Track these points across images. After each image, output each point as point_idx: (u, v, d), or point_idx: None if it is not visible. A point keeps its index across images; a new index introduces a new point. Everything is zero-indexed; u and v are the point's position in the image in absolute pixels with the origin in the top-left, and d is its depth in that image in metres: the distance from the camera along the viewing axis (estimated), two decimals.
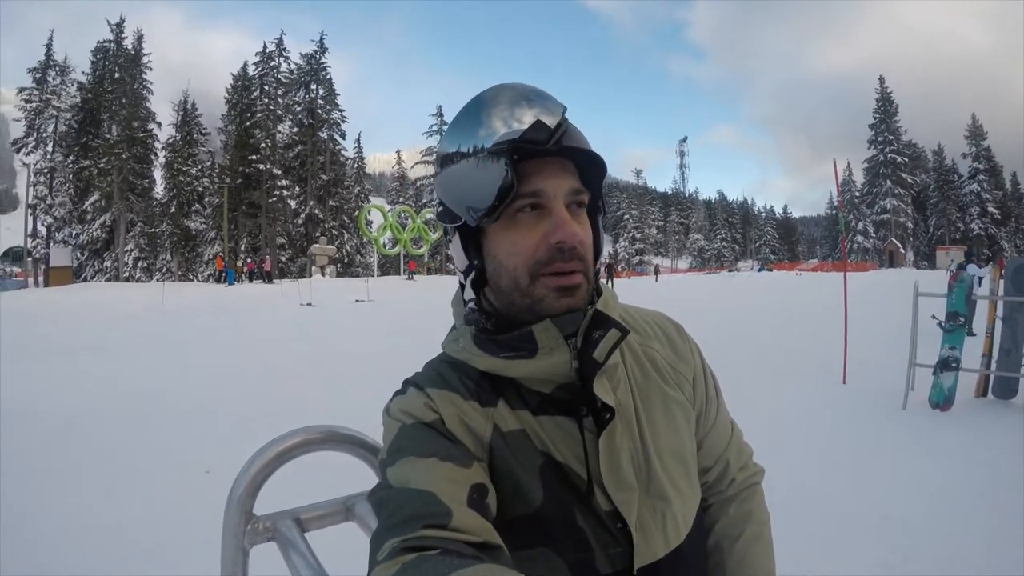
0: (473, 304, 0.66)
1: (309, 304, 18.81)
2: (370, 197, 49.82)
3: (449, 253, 0.68)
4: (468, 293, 0.66)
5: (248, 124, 41.17)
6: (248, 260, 36.31)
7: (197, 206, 40.39)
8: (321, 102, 44.60)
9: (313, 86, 44.68)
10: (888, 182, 57.50)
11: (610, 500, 0.63)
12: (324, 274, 33.72)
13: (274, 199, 40.44)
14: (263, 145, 40.39)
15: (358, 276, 36.47)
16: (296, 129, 43.70)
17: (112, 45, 40.55)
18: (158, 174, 40.89)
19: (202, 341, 10.69)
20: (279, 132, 42.37)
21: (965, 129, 57.37)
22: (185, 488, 3.49)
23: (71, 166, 37.79)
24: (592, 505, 0.62)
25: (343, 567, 0.86)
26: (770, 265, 62.75)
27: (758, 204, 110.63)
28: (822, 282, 26.29)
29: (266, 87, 42.97)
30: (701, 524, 0.74)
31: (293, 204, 41.28)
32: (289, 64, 44.11)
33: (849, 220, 57.79)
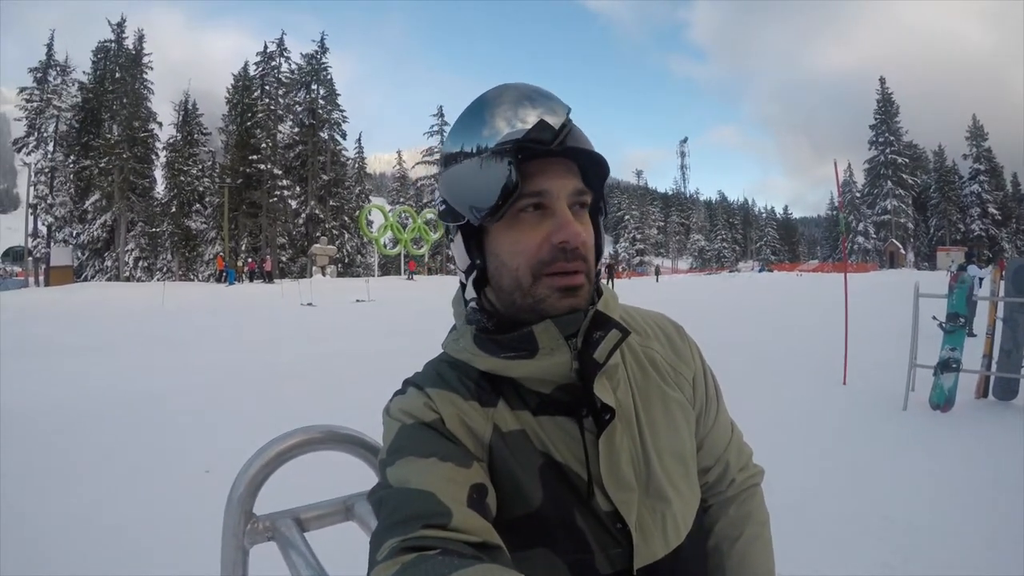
0: (474, 303, 0.66)
1: (310, 304, 18.82)
2: (371, 197, 49.80)
3: (450, 253, 0.68)
4: (470, 292, 0.66)
5: (249, 124, 41.14)
6: (249, 260, 36.32)
7: (198, 206, 40.37)
8: (322, 102, 44.57)
9: (314, 86, 44.65)
10: (889, 183, 57.47)
11: (610, 500, 0.63)
12: (325, 274, 33.70)
13: (275, 199, 40.44)
14: (264, 145, 40.38)
15: (359, 276, 36.45)
16: (297, 129, 43.68)
17: (113, 45, 40.53)
18: (159, 174, 40.85)
19: (202, 341, 10.70)
20: (280, 132, 42.35)
21: (966, 130, 57.38)
22: (185, 488, 3.49)
23: (72, 166, 37.78)
24: (592, 505, 0.62)
25: (343, 567, 0.86)
26: (771, 266, 62.63)
27: (759, 205, 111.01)
28: (823, 283, 26.31)
29: (267, 87, 42.97)
30: (701, 525, 0.73)
31: (294, 204, 41.27)
32: (290, 64, 44.14)
33: (850, 221, 57.72)
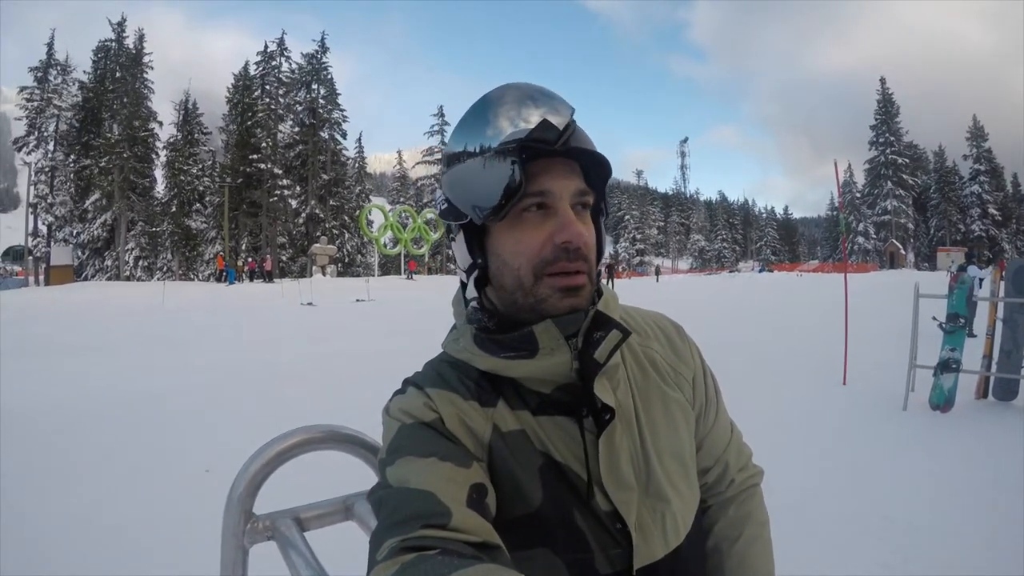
0: (475, 303, 0.66)
1: (310, 303, 18.82)
2: (371, 197, 49.77)
3: (451, 252, 0.68)
4: (471, 292, 0.66)
5: (249, 123, 41.13)
6: (249, 259, 36.29)
7: (198, 205, 40.35)
8: (322, 102, 44.54)
9: (314, 86, 44.63)
10: (889, 183, 57.46)
11: (609, 500, 0.63)
12: (325, 274, 33.69)
13: (275, 198, 40.42)
14: (264, 144, 40.36)
15: (359, 276, 36.44)
16: (297, 129, 43.66)
17: (113, 44, 40.47)
18: (159, 173, 40.80)
19: (202, 340, 10.70)
20: (280, 132, 42.32)
21: (966, 130, 57.36)
22: (185, 487, 3.49)
23: (72, 165, 37.74)
24: (591, 505, 0.62)
25: (343, 566, 0.86)
26: (771, 266, 62.63)
27: (759, 205, 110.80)
28: (823, 283, 26.30)
29: (267, 87, 42.95)
30: (700, 525, 0.73)
31: (294, 204, 41.26)
32: (290, 64, 44.09)
33: (850, 221, 57.72)
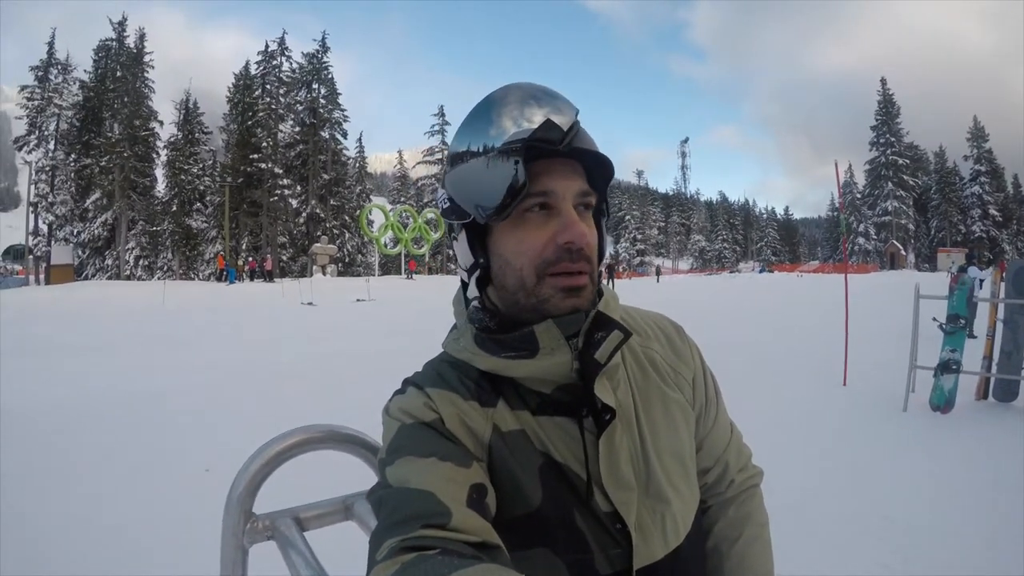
0: (477, 303, 0.66)
1: (310, 303, 18.82)
2: (371, 197, 49.79)
3: (451, 252, 0.68)
4: (472, 291, 0.66)
5: (250, 123, 41.16)
6: (249, 259, 36.27)
7: (198, 205, 40.37)
8: (323, 101, 44.56)
9: (315, 85, 44.65)
10: (889, 184, 57.44)
11: (609, 501, 0.63)
12: (325, 273, 33.70)
13: (275, 198, 40.43)
14: (265, 144, 40.39)
15: (359, 275, 36.45)
16: (298, 128, 43.69)
17: (114, 43, 40.49)
18: (160, 173, 40.83)
19: (203, 340, 10.70)
20: (281, 131, 42.36)
21: (967, 131, 57.35)
22: (185, 487, 3.49)
23: (73, 164, 37.77)
24: (591, 505, 0.62)
25: (342, 566, 0.86)
26: (771, 266, 62.61)
27: (759, 205, 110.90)
28: (823, 284, 26.30)
29: (268, 86, 42.99)
30: (700, 526, 0.73)
31: (294, 203, 41.28)
32: (291, 63, 44.13)
33: (850, 222, 57.73)
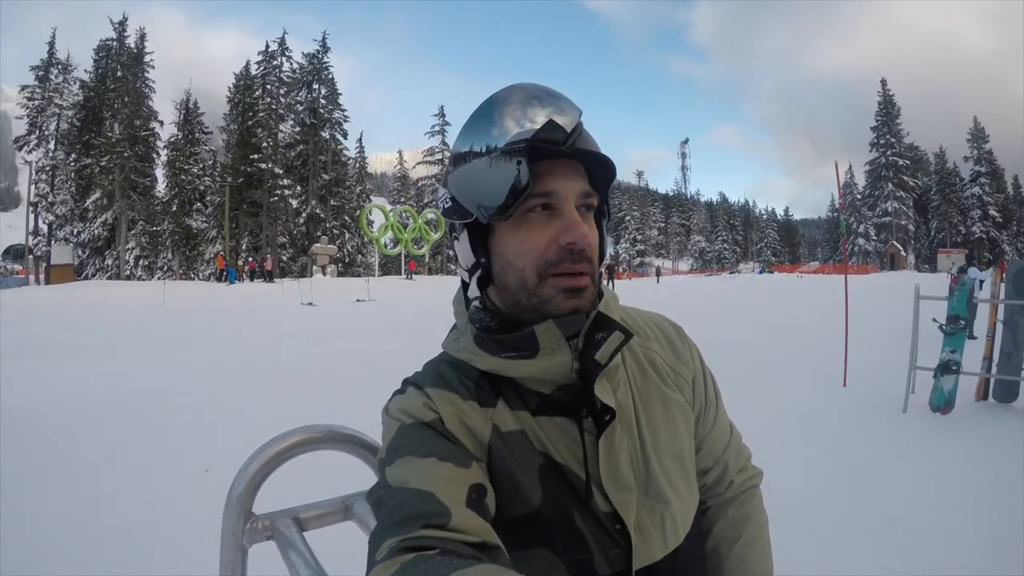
0: (478, 303, 0.66)
1: (310, 303, 18.81)
2: (371, 197, 49.78)
3: (452, 253, 0.68)
4: (473, 291, 0.66)
5: (250, 123, 41.16)
6: (249, 259, 36.29)
7: (199, 205, 40.37)
8: (323, 101, 44.56)
9: (315, 85, 44.64)
10: (890, 185, 57.42)
11: (609, 501, 0.63)
12: (325, 273, 33.69)
13: (276, 198, 40.43)
14: (265, 144, 40.38)
15: (359, 276, 36.44)
16: (298, 128, 43.69)
17: (115, 43, 40.51)
18: (160, 172, 40.83)
19: (203, 340, 10.70)
20: (281, 131, 42.36)
21: (967, 132, 57.34)
22: (185, 487, 3.49)
23: (73, 164, 37.78)
24: (591, 506, 0.62)
25: (342, 566, 0.86)
26: (771, 267, 62.59)
27: (759, 206, 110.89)
28: (823, 284, 26.30)
29: (268, 86, 43.00)
30: (700, 526, 0.73)
31: (295, 203, 41.28)
32: (291, 63, 44.13)
33: (850, 223, 57.72)
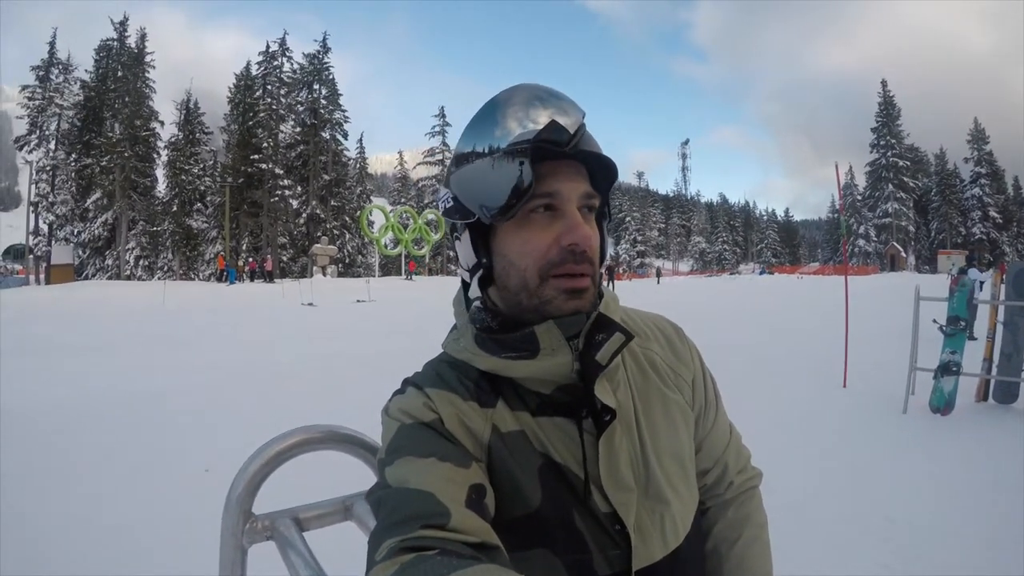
0: (479, 303, 0.66)
1: (310, 304, 18.80)
2: (372, 197, 49.78)
3: (452, 253, 0.68)
4: (474, 291, 0.66)
5: (250, 123, 41.18)
6: (250, 259, 36.30)
7: (199, 205, 40.39)
8: (324, 102, 44.56)
9: (316, 86, 44.66)
10: (890, 186, 57.39)
11: (608, 502, 0.63)
12: (325, 274, 33.67)
13: (276, 199, 40.44)
14: (265, 145, 40.39)
15: (359, 276, 36.43)
16: (298, 129, 43.70)
17: (115, 43, 40.56)
18: (160, 173, 40.86)
19: (203, 340, 10.69)
20: (281, 132, 42.38)
21: (967, 133, 57.32)
22: (185, 487, 3.49)
23: (73, 164, 37.80)
24: (590, 506, 0.62)
25: (341, 567, 0.86)
26: (771, 268, 62.57)
27: (760, 207, 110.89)
28: (823, 285, 26.29)
29: (269, 87, 43.00)
30: (699, 527, 0.73)
31: (295, 204, 41.29)
32: (292, 64, 44.13)
33: (851, 224, 57.70)
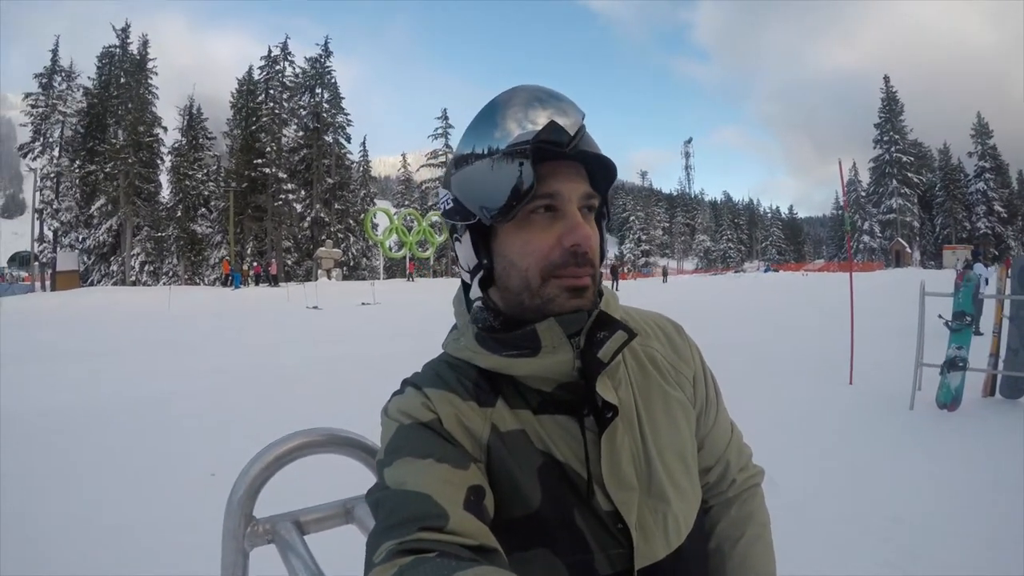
0: (480, 303, 0.66)
1: (315, 307, 18.85)
2: (375, 200, 49.84)
3: (453, 254, 0.68)
4: (475, 292, 0.66)
5: (253, 128, 41.30)
6: (254, 263, 36.44)
7: (203, 210, 40.58)
8: (326, 106, 44.61)
9: (318, 90, 44.72)
10: (894, 182, 57.11)
11: (610, 500, 0.62)
12: (330, 277, 33.72)
13: (280, 203, 40.54)
14: (269, 149, 40.50)
15: (364, 279, 36.50)
16: (301, 133, 43.76)
17: (118, 50, 40.81)
18: (164, 178, 41.04)
19: (208, 344, 10.73)
20: (284, 136, 42.45)
21: (971, 127, 57.01)
22: (190, 490, 3.50)
23: (77, 171, 37.97)
24: (592, 505, 0.62)
25: (342, 570, 0.86)
26: (776, 266, 62.39)
27: (764, 205, 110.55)
28: (828, 282, 26.17)
29: (271, 91, 43.13)
30: (702, 525, 0.73)
31: (299, 207, 41.38)
32: (294, 68, 44.18)
33: (855, 220, 57.47)
